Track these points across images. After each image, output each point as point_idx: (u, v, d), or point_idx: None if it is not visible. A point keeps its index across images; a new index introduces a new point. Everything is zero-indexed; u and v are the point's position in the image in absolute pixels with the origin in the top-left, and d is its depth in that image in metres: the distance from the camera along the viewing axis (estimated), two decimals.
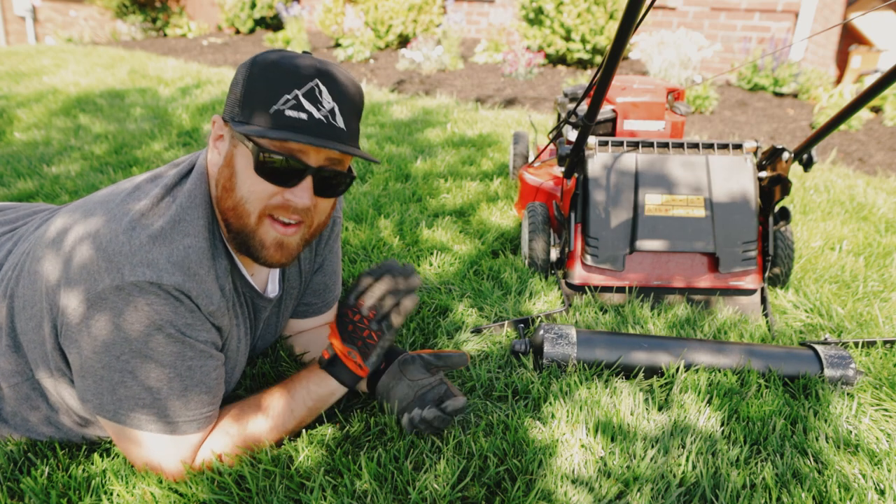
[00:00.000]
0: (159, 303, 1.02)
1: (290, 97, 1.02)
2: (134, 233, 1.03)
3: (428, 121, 4.39)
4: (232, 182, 1.08)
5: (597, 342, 1.57)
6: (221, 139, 1.12)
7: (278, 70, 1.04)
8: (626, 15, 1.29)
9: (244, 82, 1.06)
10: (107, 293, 1.01)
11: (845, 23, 5.97)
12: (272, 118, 1.03)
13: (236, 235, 1.12)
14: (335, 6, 7.42)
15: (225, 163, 1.10)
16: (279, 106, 1.02)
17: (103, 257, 1.01)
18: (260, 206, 1.08)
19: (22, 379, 1.16)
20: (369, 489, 1.13)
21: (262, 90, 1.04)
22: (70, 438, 1.25)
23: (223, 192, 1.10)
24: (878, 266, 2.36)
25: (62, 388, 1.15)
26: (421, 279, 1.23)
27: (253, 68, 1.06)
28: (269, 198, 1.08)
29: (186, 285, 1.04)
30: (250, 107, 1.04)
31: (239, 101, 1.06)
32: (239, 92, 1.07)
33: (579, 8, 5.98)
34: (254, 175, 1.06)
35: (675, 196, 1.99)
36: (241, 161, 1.07)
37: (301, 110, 1.03)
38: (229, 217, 1.11)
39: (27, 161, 3.20)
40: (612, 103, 2.47)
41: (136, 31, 9.54)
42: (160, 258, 1.02)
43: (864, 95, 1.64)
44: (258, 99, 1.04)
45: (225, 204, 1.11)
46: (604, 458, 1.25)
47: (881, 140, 4.80)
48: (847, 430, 1.41)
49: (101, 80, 5.65)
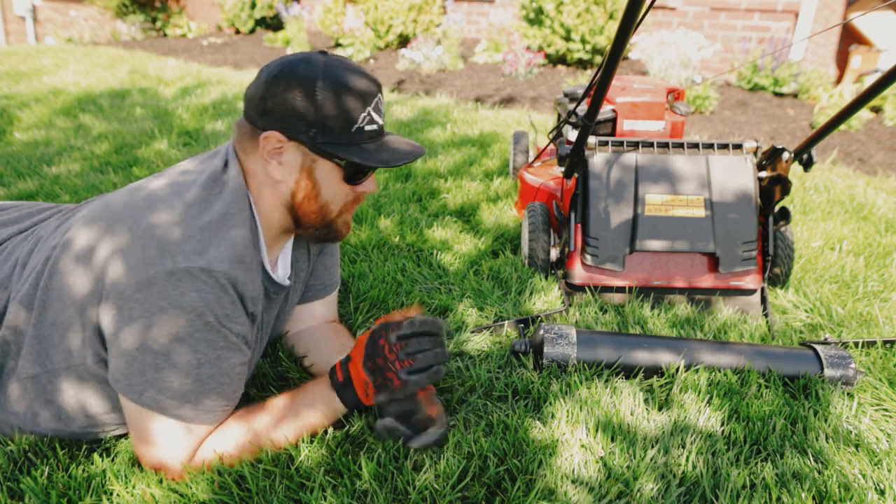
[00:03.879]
0: (206, 289, 1.08)
1: (365, 115, 1.18)
2: (183, 226, 1.10)
3: (428, 121, 4.39)
4: (316, 190, 1.23)
5: (597, 342, 1.57)
6: (279, 152, 1.19)
7: (347, 91, 1.15)
8: (626, 15, 1.29)
9: (315, 105, 1.14)
10: (157, 278, 1.06)
11: (845, 23, 5.97)
12: (354, 135, 1.18)
13: (317, 229, 1.30)
14: (335, 6, 7.43)
15: (303, 175, 1.22)
16: (359, 124, 1.18)
17: (155, 245, 1.08)
18: (342, 205, 1.28)
19: (42, 371, 1.18)
20: (369, 489, 1.13)
21: (338, 113, 1.15)
22: (74, 436, 1.25)
23: (305, 200, 1.24)
24: (878, 266, 2.36)
25: (84, 386, 1.17)
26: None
27: (318, 90, 1.14)
28: (347, 196, 1.27)
29: (234, 272, 1.11)
30: (333, 128, 1.16)
31: (313, 123, 1.15)
32: (311, 113, 1.14)
33: (579, 8, 5.98)
34: (340, 183, 1.24)
35: (675, 196, 1.99)
36: (325, 173, 1.22)
37: (373, 123, 1.20)
38: (312, 218, 1.27)
39: (27, 161, 3.20)
40: (612, 103, 2.47)
41: (136, 31, 9.54)
42: (210, 247, 1.10)
43: (864, 95, 1.64)
44: (337, 121, 1.16)
45: (309, 208, 1.25)
46: (604, 457, 1.25)
47: (881, 140, 4.80)
48: (847, 429, 1.41)
49: (101, 80, 5.65)
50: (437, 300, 1.90)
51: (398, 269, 2.08)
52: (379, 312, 1.81)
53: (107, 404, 1.21)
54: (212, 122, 4.11)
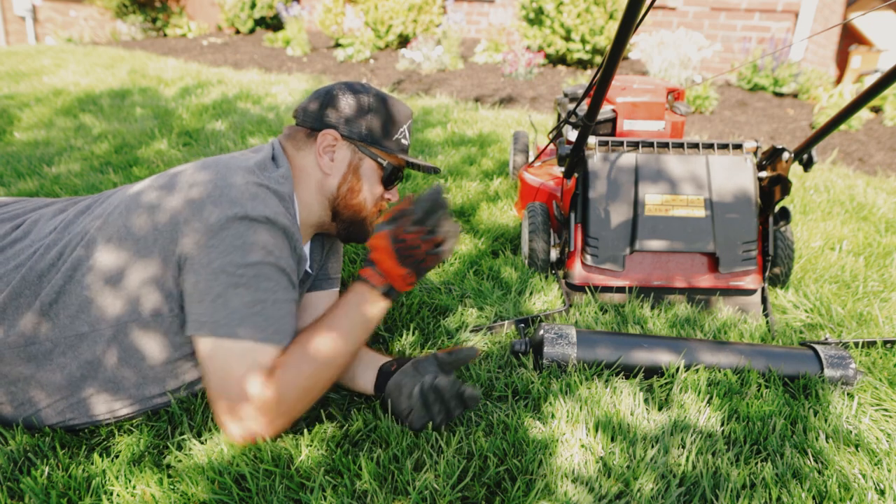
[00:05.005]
0: (273, 234, 1.22)
1: (403, 129, 1.46)
2: (249, 182, 1.24)
3: (428, 120, 4.39)
4: (359, 185, 1.44)
5: (597, 342, 1.57)
6: (332, 149, 1.41)
7: (391, 107, 1.44)
8: (626, 15, 1.29)
9: (366, 112, 1.41)
10: (230, 222, 1.17)
11: (845, 23, 5.97)
12: (395, 143, 1.45)
13: (350, 224, 1.47)
14: (335, 6, 7.43)
15: (350, 171, 1.42)
16: (398, 136, 1.45)
17: (226, 197, 1.19)
18: (373, 203, 1.47)
19: (90, 331, 1.20)
20: (369, 489, 1.13)
21: (387, 123, 1.43)
22: (114, 406, 1.25)
23: (348, 193, 1.44)
24: (878, 266, 2.36)
25: (137, 339, 1.21)
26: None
27: (370, 102, 1.41)
28: (378, 197, 1.48)
29: (291, 230, 1.26)
30: (382, 134, 1.43)
31: (370, 127, 1.41)
32: (363, 119, 1.40)
33: (579, 8, 5.98)
34: (378, 184, 1.46)
35: (675, 196, 1.99)
36: (368, 172, 1.44)
37: (406, 139, 1.49)
38: (349, 211, 1.45)
39: (27, 161, 3.20)
40: (612, 103, 2.47)
41: (136, 31, 9.55)
42: (272, 203, 1.24)
43: (864, 95, 1.64)
44: (382, 128, 1.42)
45: (349, 201, 1.44)
46: (604, 457, 1.25)
47: (881, 140, 4.80)
48: (847, 429, 1.41)
49: (101, 80, 5.65)
50: (437, 300, 1.90)
51: None
52: None
53: (165, 354, 1.23)
54: (212, 122, 4.11)
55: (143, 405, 1.28)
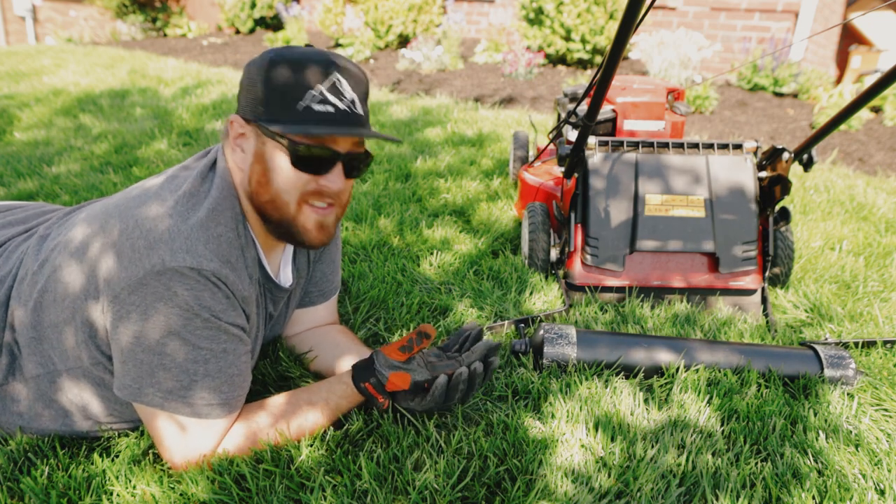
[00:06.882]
0: (199, 287, 1.07)
1: (315, 93, 1.11)
2: (171, 221, 1.08)
3: (428, 120, 4.39)
4: (267, 177, 1.15)
5: (597, 342, 1.57)
6: (243, 137, 1.17)
7: (298, 68, 1.10)
8: (626, 15, 1.29)
9: (264, 82, 1.11)
10: (148, 279, 1.04)
11: (845, 23, 5.97)
12: (302, 114, 1.10)
13: (278, 225, 1.19)
14: (335, 6, 7.42)
15: (255, 160, 1.16)
16: (306, 102, 1.10)
17: (144, 245, 1.06)
18: (297, 196, 1.16)
19: (44, 372, 1.18)
20: (369, 489, 1.13)
21: (286, 89, 1.10)
22: (77, 435, 1.25)
23: (258, 187, 1.17)
24: (878, 266, 2.36)
25: (83, 388, 1.18)
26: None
27: (270, 68, 1.11)
28: (304, 186, 1.16)
29: (223, 271, 1.10)
30: (277, 105, 1.11)
31: (262, 101, 1.12)
32: (260, 92, 1.12)
33: (579, 8, 5.98)
34: (290, 168, 1.14)
35: (675, 196, 1.99)
36: (274, 156, 1.14)
37: (327, 104, 1.12)
38: (268, 209, 1.18)
39: (27, 161, 3.20)
40: (612, 103, 2.47)
41: (136, 31, 9.54)
42: (198, 245, 1.08)
43: (864, 95, 1.64)
44: (284, 97, 1.11)
45: (262, 198, 1.17)
46: (604, 457, 1.25)
47: (881, 140, 4.80)
48: (847, 429, 1.41)
49: (101, 80, 5.65)
50: (437, 300, 1.90)
51: (398, 269, 2.08)
52: (379, 312, 1.81)
53: (106, 407, 1.21)
54: (212, 122, 4.11)
55: (132, 424, 1.28)
